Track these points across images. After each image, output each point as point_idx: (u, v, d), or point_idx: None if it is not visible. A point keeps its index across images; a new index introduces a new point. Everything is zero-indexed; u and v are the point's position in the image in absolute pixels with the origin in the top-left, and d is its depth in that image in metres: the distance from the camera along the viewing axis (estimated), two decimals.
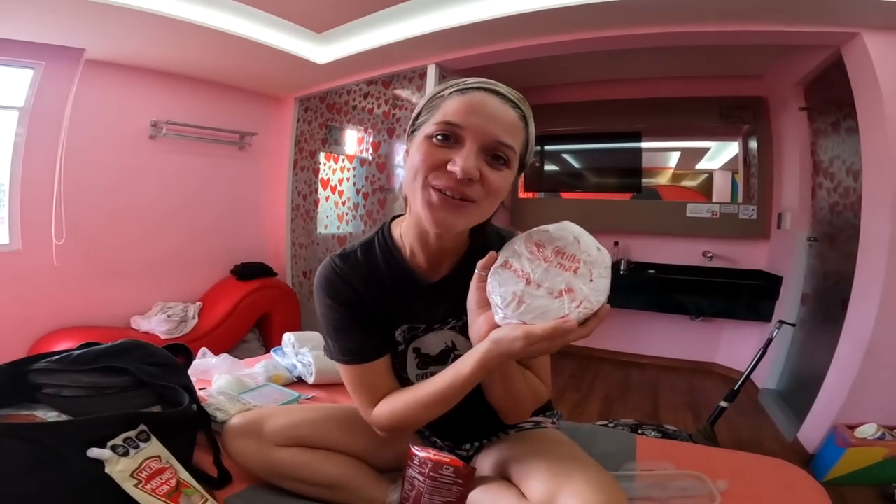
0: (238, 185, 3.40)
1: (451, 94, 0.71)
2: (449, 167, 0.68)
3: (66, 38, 2.30)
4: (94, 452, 0.76)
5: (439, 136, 0.69)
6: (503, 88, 0.73)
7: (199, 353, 1.64)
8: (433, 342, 0.86)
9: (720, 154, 3.41)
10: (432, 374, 0.82)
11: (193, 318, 2.91)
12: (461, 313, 0.81)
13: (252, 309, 3.07)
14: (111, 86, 2.63)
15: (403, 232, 0.83)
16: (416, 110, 0.76)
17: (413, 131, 0.76)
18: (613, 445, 1.14)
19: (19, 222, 2.39)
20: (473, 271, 0.76)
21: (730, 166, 3.35)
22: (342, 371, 0.85)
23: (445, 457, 0.80)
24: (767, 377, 2.82)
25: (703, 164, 3.46)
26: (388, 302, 0.83)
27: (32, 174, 2.40)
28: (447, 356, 0.86)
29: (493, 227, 0.86)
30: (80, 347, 0.98)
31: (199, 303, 3.06)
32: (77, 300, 2.62)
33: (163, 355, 1.04)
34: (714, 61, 2.97)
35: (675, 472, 0.99)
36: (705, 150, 3.45)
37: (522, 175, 0.83)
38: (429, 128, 0.71)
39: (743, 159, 3.27)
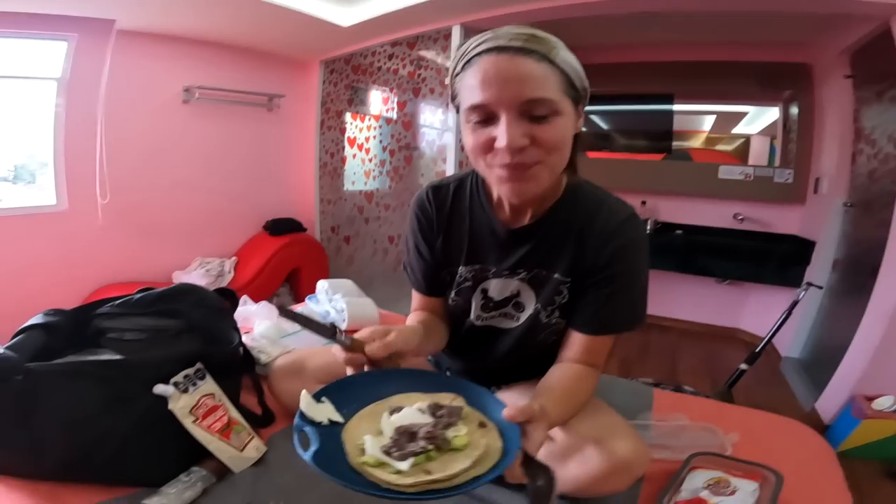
0: (268, 145, 3.46)
1: (462, 68, 0.71)
2: (496, 146, 0.68)
3: (96, 10, 2.32)
4: (159, 389, 0.82)
5: (476, 121, 0.70)
6: (504, 39, 0.67)
7: (241, 300, 1.70)
8: (500, 287, 0.88)
9: (759, 119, 3.26)
10: (493, 318, 0.89)
11: (230, 272, 3.04)
12: (532, 266, 0.84)
13: (284, 263, 3.18)
14: (143, 54, 2.67)
15: None
16: (448, 80, 0.78)
17: (454, 98, 0.77)
18: (630, 395, 1.18)
19: (65, 183, 2.52)
20: (552, 225, 0.81)
21: (768, 132, 3.21)
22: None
23: None
24: (791, 345, 2.80)
25: (740, 129, 3.32)
26: (463, 238, 0.88)
27: (74, 141, 2.48)
28: (509, 302, 0.88)
29: (591, 190, 0.84)
30: (138, 292, 1.04)
31: (234, 258, 3.19)
32: (121, 257, 2.75)
33: (214, 299, 1.08)
34: (755, 29, 2.81)
35: (689, 424, 1.04)
36: (742, 114, 3.30)
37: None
38: (463, 110, 0.72)
39: (783, 124, 3.12)
